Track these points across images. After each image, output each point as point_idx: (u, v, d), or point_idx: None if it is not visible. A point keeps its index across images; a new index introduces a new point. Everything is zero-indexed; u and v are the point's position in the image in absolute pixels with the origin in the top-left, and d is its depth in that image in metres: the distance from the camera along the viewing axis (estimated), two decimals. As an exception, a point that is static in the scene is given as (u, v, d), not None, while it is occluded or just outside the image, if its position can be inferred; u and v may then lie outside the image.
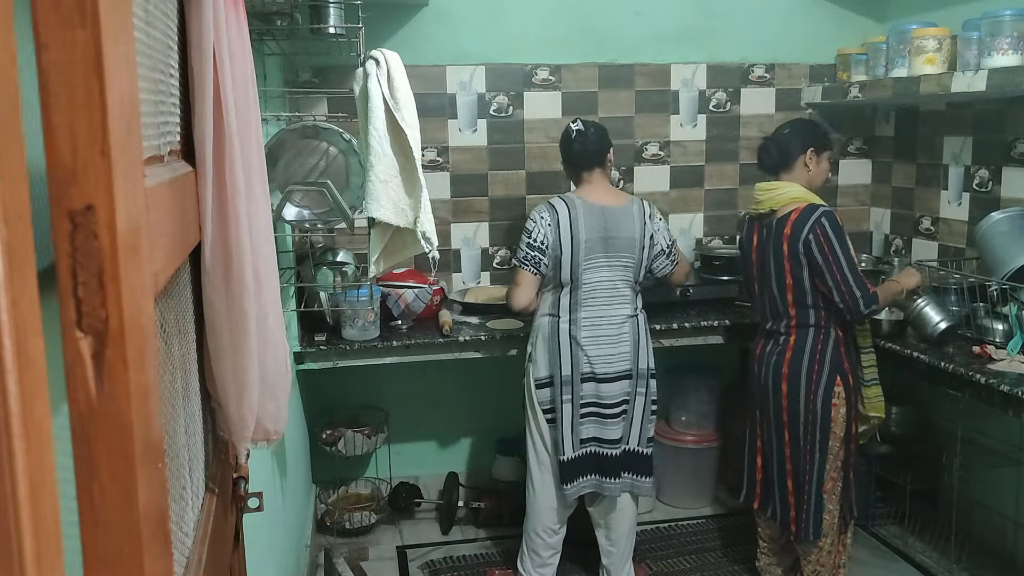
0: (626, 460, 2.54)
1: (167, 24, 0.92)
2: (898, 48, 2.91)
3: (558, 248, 2.43)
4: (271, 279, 1.16)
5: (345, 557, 2.87)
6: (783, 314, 2.43)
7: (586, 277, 2.45)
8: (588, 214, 2.44)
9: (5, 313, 0.36)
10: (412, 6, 3.10)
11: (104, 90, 0.49)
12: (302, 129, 2.09)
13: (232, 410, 1.09)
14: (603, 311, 2.47)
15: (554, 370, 2.48)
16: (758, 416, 2.55)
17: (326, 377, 2.97)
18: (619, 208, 2.49)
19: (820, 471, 2.40)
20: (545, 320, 2.51)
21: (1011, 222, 2.62)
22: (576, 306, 2.46)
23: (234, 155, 1.00)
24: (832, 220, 2.31)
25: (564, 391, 2.48)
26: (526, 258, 2.47)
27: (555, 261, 2.45)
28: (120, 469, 0.51)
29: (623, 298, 2.50)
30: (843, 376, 2.39)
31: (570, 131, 2.51)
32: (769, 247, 2.42)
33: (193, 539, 0.97)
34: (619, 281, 2.49)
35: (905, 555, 2.98)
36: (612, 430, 2.51)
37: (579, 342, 2.45)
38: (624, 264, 2.48)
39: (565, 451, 2.50)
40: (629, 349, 2.50)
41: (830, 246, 2.29)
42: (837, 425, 2.38)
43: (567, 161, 2.57)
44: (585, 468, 2.53)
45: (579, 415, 2.49)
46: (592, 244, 2.44)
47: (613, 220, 2.46)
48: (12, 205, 0.37)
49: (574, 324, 2.46)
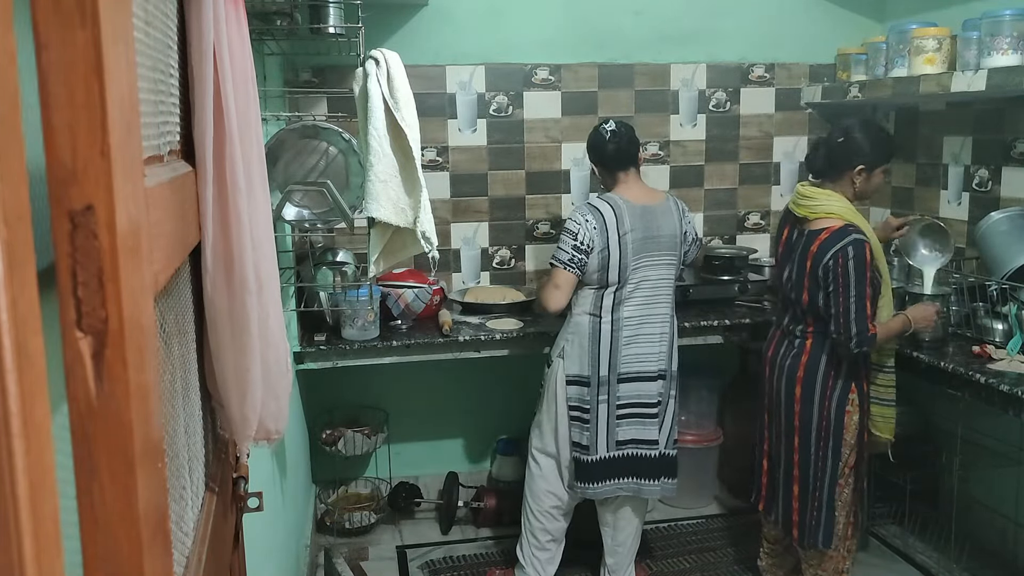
0: (661, 464, 2.53)
1: (167, 24, 0.92)
2: (898, 48, 2.91)
3: (606, 250, 2.39)
4: (272, 278, 1.16)
5: (345, 557, 2.87)
6: (800, 318, 2.38)
7: (632, 277, 2.42)
8: (632, 214, 2.41)
9: (5, 313, 0.36)
10: (412, 6, 3.10)
11: (104, 90, 0.49)
12: (302, 129, 2.09)
13: (234, 409, 1.09)
14: (645, 310, 2.46)
15: (592, 370, 2.46)
16: (766, 419, 2.52)
17: (326, 377, 2.97)
18: (658, 207, 2.47)
19: (832, 478, 2.36)
20: (586, 319, 2.46)
21: (1011, 222, 2.62)
22: (618, 305, 2.43)
23: (234, 155, 1.00)
24: (858, 251, 2.20)
25: (601, 391, 2.46)
26: (572, 260, 2.40)
27: (603, 263, 2.40)
28: (120, 469, 0.51)
29: (664, 297, 2.49)
30: (858, 384, 2.35)
31: (604, 132, 2.46)
32: (796, 253, 2.36)
33: (193, 539, 0.97)
34: (662, 280, 2.47)
35: (905, 555, 2.98)
36: (651, 430, 2.50)
37: (620, 342, 2.44)
38: (668, 263, 2.47)
39: (598, 450, 2.47)
40: (666, 349, 2.50)
41: (844, 274, 2.21)
42: (849, 432, 2.34)
43: (602, 162, 2.50)
44: (621, 470, 2.51)
45: (615, 416, 2.47)
46: (639, 244, 2.41)
47: (654, 219, 2.44)
48: (12, 205, 0.37)
49: (616, 324, 2.43)
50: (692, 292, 3.12)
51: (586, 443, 2.49)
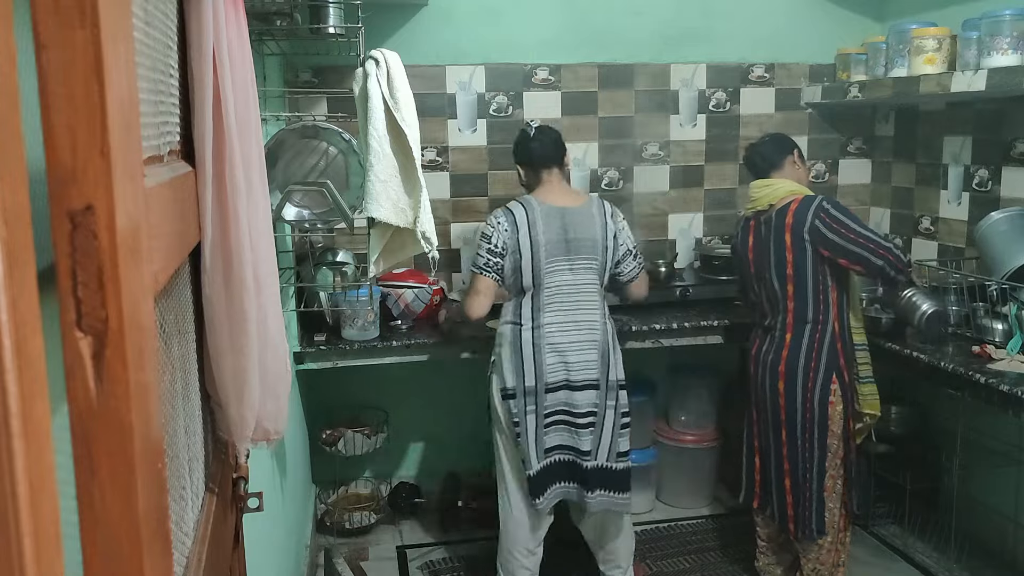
0: (600, 476, 2.39)
1: (167, 24, 0.92)
2: (898, 48, 2.91)
3: (517, 252, 2.34)
4: (271, 279, 1.16)
5: (345, 557, 2.87)
6: (780, 309, 2.43)
7: (548, 281, 2.35)
8: (547, 216, 2.36)
9: (5, 313, 0.36)
10: (412, 6, 3.10)
11: (104, 90, 0.49)
12: (302, 129, 2.09)
13: (232, 410, 1.09)
14: (567, 316, 2.36)
15: (517, 380, 2.35)
16: (755, 415, 2.56)
17: (326, 377, 2.97)
18: (579, 208, 2.40)
19: (820, 469, 2.41)
20: (507, 328, 2.39)
21: (1010, 222, 2.62)
22: (539, 311, 2.35)
23: (234, 155, 1.00)
24: (833, 202, 2.37)
25: (528, 402, 2.35)
26: (487, 264, 2.36)
27: (515, 266, 2.35)
28: (120, 469, 0.51)
29: (589, 303, 2.39)
30: (839, 374, 2.40)
31: (528, 130, 2.46)
32: (769, 241, 2.43)
33: (193, 539, 0.97)
34: (583, 284, 2.39)
35: (905, 555, 2.98)
36: (584, 441, 2.37)
37: (544, 349, 2.34)
38: (587, 266, 2.39)
39: (531, 464, 2.36)
40: (596, 358, 2.38)
41: (840, 222, 2.31)
42: (834, 423, 2.40)
43: (526, 161, 2.47)
44: (555, 476, 2.40)
45: (543, 425, 2.36)
46: (552, 247, 2.35)
47: (573, 221, 2.38)
48: (12, 205, 0.37)
49: (538, 331, 2.35)
50: (692, 292, 3.12)
51: (523, 456, 2.38)
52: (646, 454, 3.30)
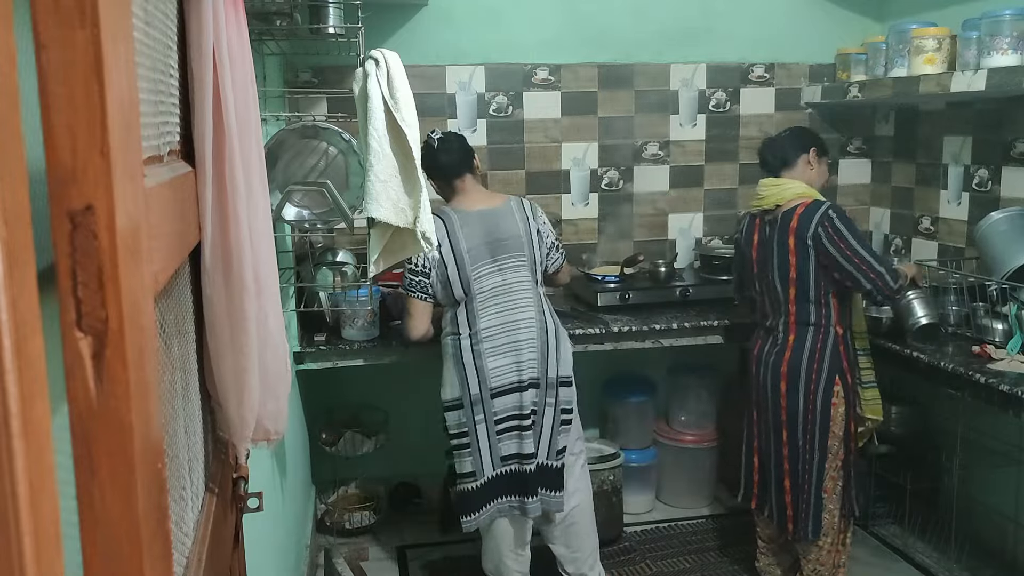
0: (540, 475, 2.37)
1: (167, 24, 0.92)
2: (898, 48, 2.91)
3: (442, 265, 2.33)
4: (271, 279, 1.16)
5: (345, 557, 2.87)
6: (783, 311, 2.43)
7: (478, 286, 2.34)
8: (465, 223, 2.35)
9: (5, 313, 0.36)
10: (412, 6, 3.10)
11: (104, 90, 0.49)
12: (302, 129, 2.09)
13: (232, 410, 1.09)
14: (505, 317, 2.35)
15: (463, 390, 2.34)
16: (755, 416, 2.56)
17: (326, 377, 2.97)
18: (497, 209, 2.40)
19: (820, 470, 2.41)
20: (448, 340, 2.39)
21: (1010, 222, 2.62)
22: (474, 319, 2.34)
23: (234, 155, 1.00)
24: (840, 212, 2.34)
25: (476, 411, 2.33)
26: (411, 285, 2.37)
27: (443, 277, 2.34)
28: (120, 469, 0.51)
29: (525, 301, 2.37)
30: (842, 376, 2.39)
31: (432, 141, 2.41)
32: (773, 242, 2.42)
33: (193, 539, 0.97)
34: (515, 283, 2.37)
35: (905, 555, 2.98)
36: (528, 444, 2.35)
37: (485, 356, 2.32)
38: (517, 264, 2.37)
39: (484, 472, 2.34)
40: (536, 356, 2.35)
41: (841, 236, 2.30)
42: (836, 424, 2.39)
43: (436, 173, 2.44)
44: (503, 489, 2.38)
45: (496, 433, 2.34)
46: (476, 252, 2.34)
47: (494, 222, 2.37)
48: (12, 205, 0.37)
49: (474, 337, 2.33)
50: (692, 292, 3.12)
51: (470, 469, 2.36)
52: (646, 454, 3.30)
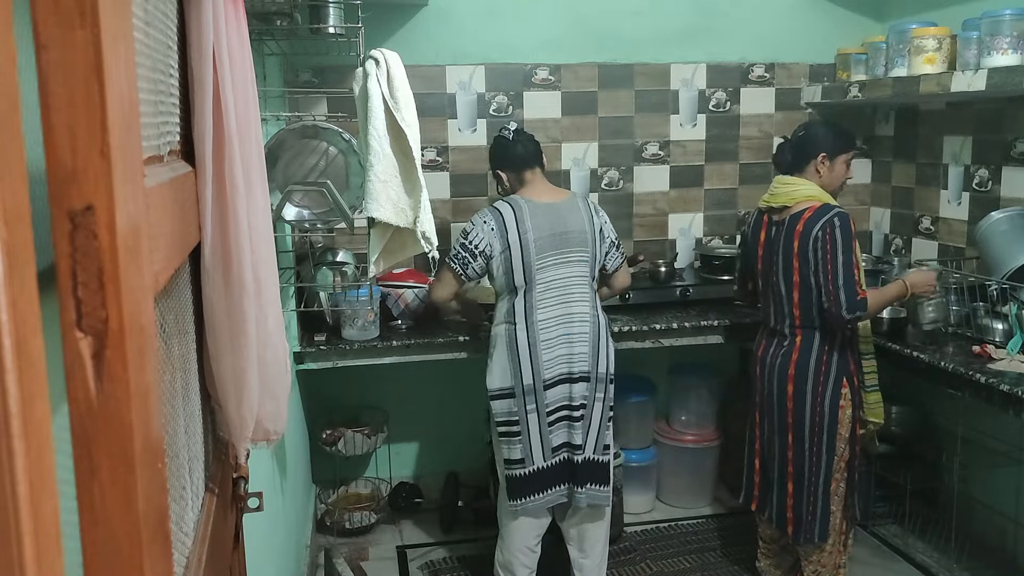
0: (588, 469, 2.42)
1: (167, 24, 0.92)
2: (898, 48, 2.91)
3: (507, 251, 2.36)
4: (271, 279, 1.16)
5: (345, 557, 2.87)
6: (787, 314, 2.41)
7: (540, 277, 2.36)
8: (535, 213, 2.38)
9: (5, 313, 0.36)
10: (412, 6, 3.10)
11: (104, 90, 0.49)
12: (302, 129, 2.09)
13: (231, 410, 1.09)
14: (562, 310, 2.38)
15: (515, 379, 2.37)
16: (758, 417, 2.54)
17: (326, 377, 2.97)
18: (565, 203, 2.44)
19: (828, 473, 2.39)
20: (502, 328, 2.40)
21: (1011, 222, 2.62)
22: (532, 309, 2.36)
23: (234, 155, 1.00)
24: (844, 222, 2.27)
25: (528, 401, 2.36)
26: (455, 256, 2.41)
27: (506, 264, 2.37)
28: (120, 469, 0.51)
29: (581, 295, 2.40)
30: (849, 378, 2.38)
31: (507, 134, 2.50)
32: (778, 243, 2.40)
33: (193, 539, 0.97)
34: (575, 278, 2.40)
35: (905, 555, 2.98)
36: (577, 435, 2.40)
37: (539, 346, 2.35)
38: (579, 259, 2.41)
39: (535, 460, 2.39)
40: (587, 350, 2.39)
41: (832, 245, 2.26)
42: (843, 427, 2.37)
43: (509, 164, 2.50)
44: (554, 478, 2.42)
45: (547, 424, 2.39)
46: (543, 243, 2.36)
47: (561, 215, 2.40)
48: (12, 205, 0.37)
49: (531, 328, 2.35)
50: (692, 292, 3.12)
51: (519, 456, 2.39)
52: (646, 454, 3.30)
